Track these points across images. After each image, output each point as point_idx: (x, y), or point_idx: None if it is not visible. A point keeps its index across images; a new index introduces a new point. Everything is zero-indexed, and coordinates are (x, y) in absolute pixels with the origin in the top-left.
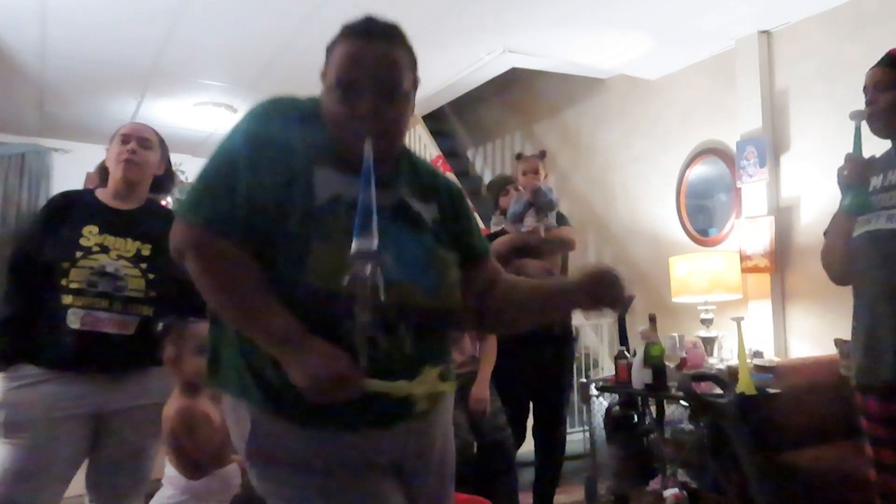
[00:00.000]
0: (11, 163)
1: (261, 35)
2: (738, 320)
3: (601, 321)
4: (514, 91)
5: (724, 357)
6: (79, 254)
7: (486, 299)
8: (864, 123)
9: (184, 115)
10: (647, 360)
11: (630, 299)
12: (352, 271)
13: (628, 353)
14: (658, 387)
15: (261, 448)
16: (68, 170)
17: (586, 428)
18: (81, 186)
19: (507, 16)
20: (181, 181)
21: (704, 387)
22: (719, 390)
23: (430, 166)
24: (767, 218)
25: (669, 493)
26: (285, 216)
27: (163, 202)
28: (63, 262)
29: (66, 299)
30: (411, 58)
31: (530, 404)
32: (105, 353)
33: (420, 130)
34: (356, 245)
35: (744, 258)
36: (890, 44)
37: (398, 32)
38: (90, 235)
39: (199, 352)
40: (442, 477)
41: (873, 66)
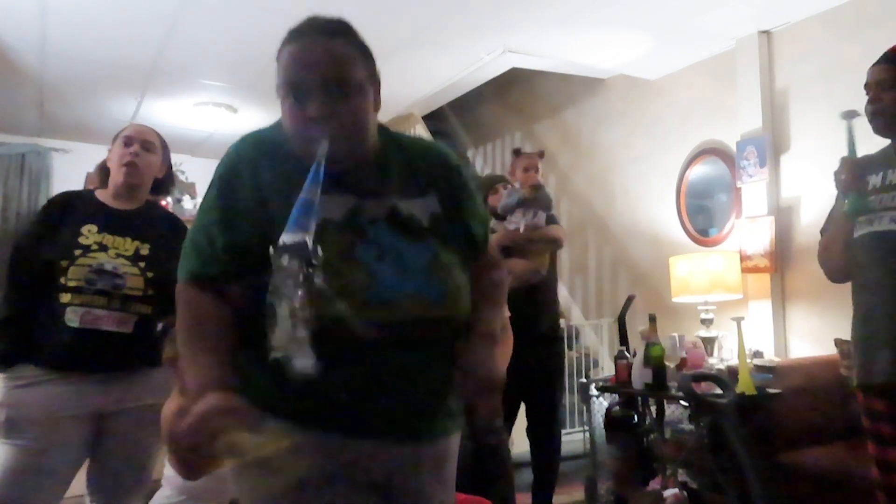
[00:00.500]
0: (11, 163)
1: (261, 35)
2: (738, 320)
3: (601, 321)
4: (514, 91)
5: (724, 357)
6: (77, 252)
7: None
8: (855, 123)
9: (184, 115)
10: (647, 360)
11: (488, 411)
12: (278, 267)
13: (628, 353)
14: (658, 387)
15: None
16: (68, 170)
17: (586, 428)
18: (82, 186)
19: (507, 16)
20: (181, 181)
21: (704, 387)
22: (719, 390)
23: (422, 147)
24: (767, 218)
25: (669, 493)
26: (267, 252)
27: (162, 202)
28: (62, 261)
29: (65, 297)
30: (362, 50)
31: (520, 406)
32: (104, 351)
33: (420, 130)
34: (285, 237)
35: (744, 258)
36: (890, 44)
37: (343, 27)
38: (89, 234)
39: None
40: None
41: (874, 64)
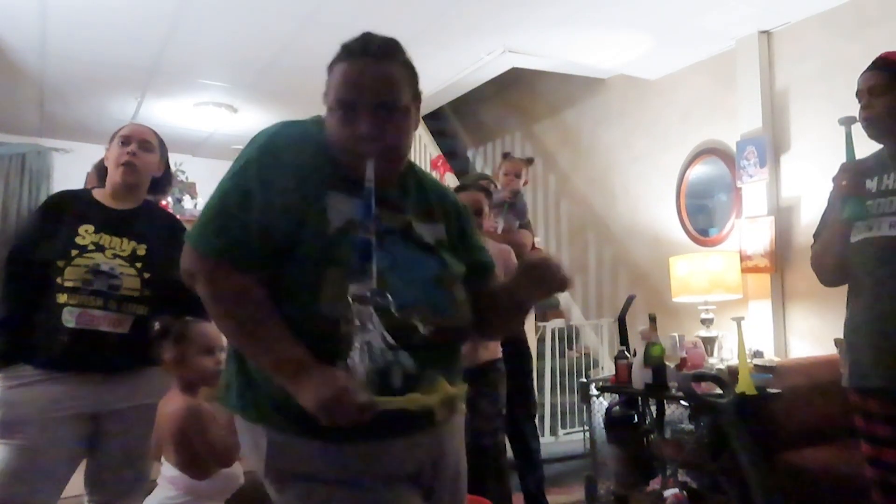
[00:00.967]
0: (12, 163)
1: (261, 35)
2: (738, 320)
3: (601, 321)
4: (514, 91)
5: (724, 357)
6: (74, 252)
7: (481, 309)
8: (855, 129)
9: (184, 115)
10: (648, 360)
11: (568, 280)
12: (353, 315)
13: (628, 353)
14: (658, 387)
15: (279, 466)
16: (68, 170)
17: (586, 428)
18: (82, 186)
19: (507, 16)
20: (181, 181)
21: (704, 387)
22: (719, 390)
23: (436, 184)
24: (767, 218)
25: (669, 493)
26: (301, 245)
27: (162, 202)
28: (58, 261)
29: (62, 298)
30: (410, 73)
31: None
32: (101, 351)
33: (420, 130)
34: (353, 290)
35: (744, 258)
36: (890, 44)
37: (395, 48)
38: (86, 234)
39: (204, 352)
40: (456, 487)
41: (865, 70)
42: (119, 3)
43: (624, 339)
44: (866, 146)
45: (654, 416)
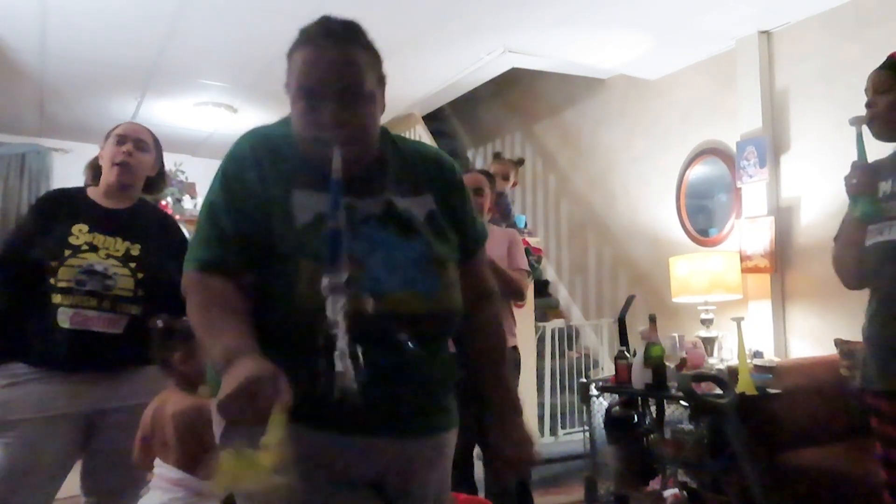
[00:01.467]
0: (11, 163)
1: (261, 35)
2: (738, 320)
3: (601, 321)
4: (514, 91)
5: (724, 357)
6: (67, 252)
7: (468, 318)
8: (865, 128)
9: (184, 115)
10: (647, 360)
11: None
12: (329, 305)
13: (628, 353)
14: (658, 387)
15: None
16: (68, 170)
17: (586, 428)
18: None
19: (507, 16)
20: (181, 181)
21: (704, 387)
22: (719, 390)
23: (420, 150)
24: (767, 218)
25: (669, 493)
26: (271, 245)
27: (162, 203)
28: (52, 261)
29: (56, 298)
30: (373, 56)
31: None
32: (95, 352)
33: (420, 130)
34: (326, 281)
35: (744, 258)
36: (890, 43)
37: (356, 31)
38: (79, 234)
39: None
40: (440, 495)
41: (874, 70)
42: (119, 3)
43: (624, 340)
44: (881, 146)
45: (654, 416)
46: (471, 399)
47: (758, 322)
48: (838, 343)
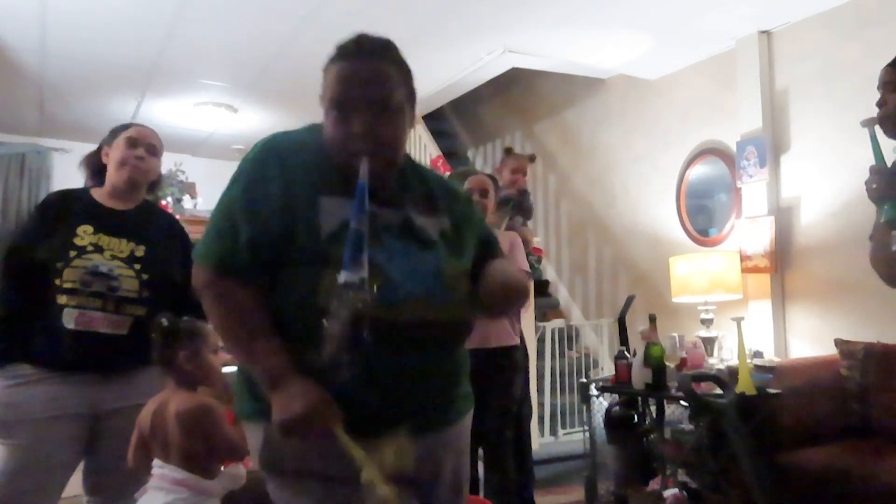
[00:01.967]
0: (11, 163)
1: (261, 35)
2: (738, 320)
3: (601, 321)
4: (514, 91)
5: (724, 357)
6: (73, 253)
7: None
8: (878, 128)
9: (184, 115)
10: (647, 360)
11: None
12: (336, 304)
13: (628, 353)
14: (658, 387)
15: (273, 458)
16: (68, 170)
17: (586, 428)
18: (82, 185)
19: (507, 16)
20: (181, 181)
21: (704, 387)
22: (719, 390)
23: (437, 175)
24: (767, 218)
25: (669, 493)
26: (294, 251)
27: (162, 203)
28: (57, 262)
29: (61, 299)
30: (404, 72)
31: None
32: (99, 352)
33: (420, 130)
34: (344, 276)
35: (744, 258)
36: (890, 44)
37: (389, 48)
38: (84, 235)
39: (212, 350)
40: (456, 490)
41: (885, 66)
42: (119, 3)
43: (624, 339)
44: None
45: (654, 416)
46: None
47: (758, 322)
48: (838, 343)
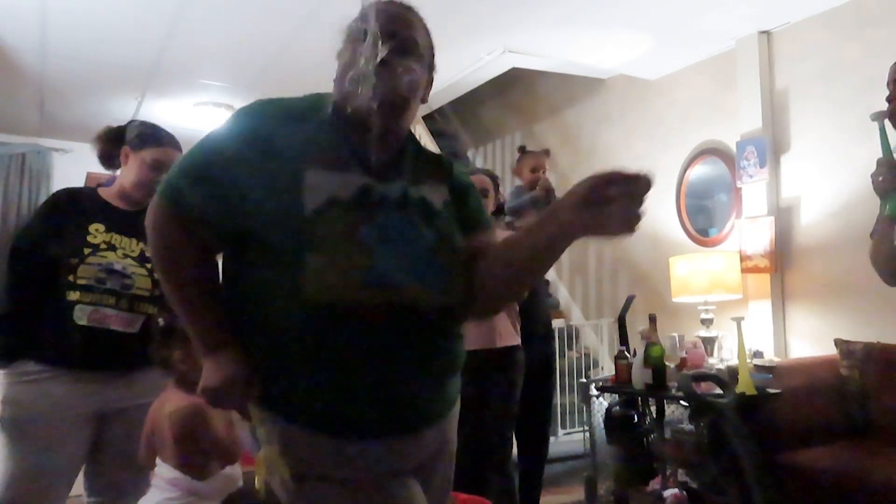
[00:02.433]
0: (11, 163)
1: (261, 35)
2: (738, 320)
3: (601, 321)
4: (514, 91)
5: (724, 357)
6: (87, 251)
7: (477, 270)
8: (888, 123)
9: (184, 115)
10: (647, 360)
11: (638, 219)
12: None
13: (628, 353)
14: (658, 387)
15: (291, 459)
16: (68, 170)
17: (586, 428)
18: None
19: (507, 16)
20: None
21: (704, 387)
22: (719, 390)
23: (434, 153)
24: (767, 218)
25: (669, 493)
26: (277, 222)
27: None
28: (71, 259)
29: (73, 295)
30: (430, 38)
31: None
32: (110, 350)
33: (420, 130)
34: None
35: (744, 258)
36: (890, 44)
37: (415, 9)
38: (97, 233)
39: None
40: (447, 474)
41: (894, 63)
42: (119, 3)
43: (624, 339)
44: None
45: (654, 416)
46: (472, 401)
47: (758, 322)
48: (838, 343)
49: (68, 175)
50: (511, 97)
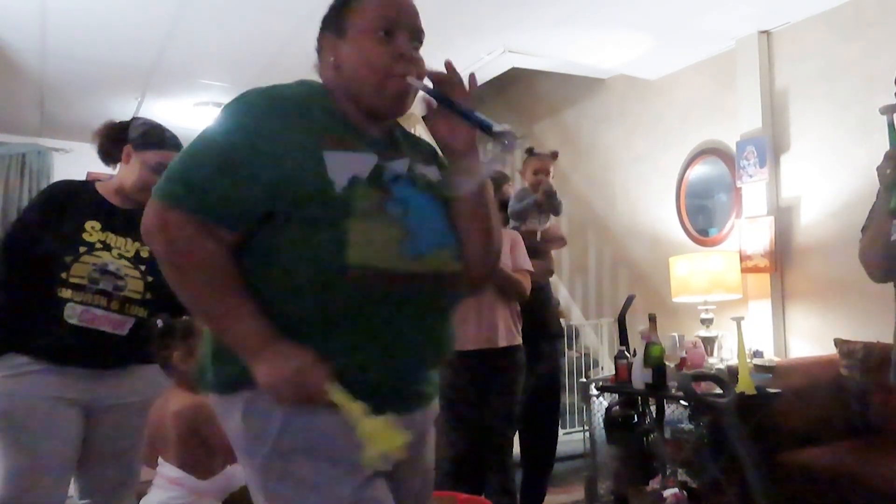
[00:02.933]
0: (11, 163)
1: (261, 35)
2: (738, 320)
3: (601, 321)
4: (514, 91)
5: (724, 357)
6: (82, 249)
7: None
8: None
9: (184, 115)
10: (647, 360)
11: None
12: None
13: (628, 353)
14: (658, 387)
15: (294, 440)
16: (68, 170)
17: (586, 428)
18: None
19: (507, 16)
20: None
21: (704, 387)
22: (719, 390)
23: (416, 137)
24: (767, 218)
25: (669, 493)
26: (301, 206)
27: None
28: (65, 256)
29: (65, 293)
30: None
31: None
32: (98, 350)
33: (420, 130)
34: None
35: (744, 258)
36: (890, 44)
37: None
38: (92, 231)
39: None
40: (426, 477)
41: None
42: (119, 3)
43: (624, 339)
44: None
45: (654, 416)
46: (474, 401)
47: (758, 322)
48: (838, 343)
49: (68, 175)
50: (511, 97)
